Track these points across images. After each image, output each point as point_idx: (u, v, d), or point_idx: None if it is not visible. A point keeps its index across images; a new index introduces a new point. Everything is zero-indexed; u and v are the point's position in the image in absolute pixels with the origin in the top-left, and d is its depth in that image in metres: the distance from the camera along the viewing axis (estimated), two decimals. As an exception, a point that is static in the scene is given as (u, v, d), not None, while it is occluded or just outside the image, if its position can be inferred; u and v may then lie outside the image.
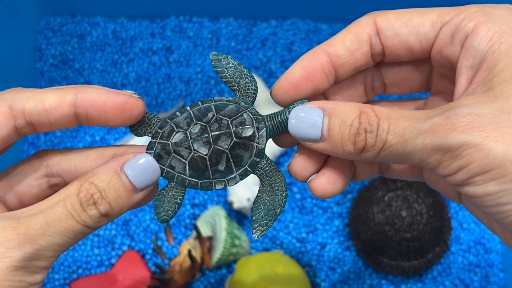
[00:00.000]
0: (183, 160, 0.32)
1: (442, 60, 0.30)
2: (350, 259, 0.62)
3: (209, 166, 0.32)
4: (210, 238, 0.59)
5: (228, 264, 0.61)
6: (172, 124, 0.32)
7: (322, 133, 0.29)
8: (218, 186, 0.32)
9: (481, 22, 0.28)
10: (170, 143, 0.32)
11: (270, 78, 0.70)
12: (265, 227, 0.32)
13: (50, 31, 0.72)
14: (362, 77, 0.34)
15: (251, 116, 0.32)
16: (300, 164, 0.32)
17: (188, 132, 0.32)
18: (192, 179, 0.32)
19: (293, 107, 0.31)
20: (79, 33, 0.72)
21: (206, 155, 0.31)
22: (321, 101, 0.30)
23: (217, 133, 0.31)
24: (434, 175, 0.33)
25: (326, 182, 0.32)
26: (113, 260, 0.60)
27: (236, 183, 0.32)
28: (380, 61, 0.32)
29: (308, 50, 0.75)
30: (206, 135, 0.31)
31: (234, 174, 0.32)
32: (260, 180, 0.33)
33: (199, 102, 0.32)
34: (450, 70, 0.31)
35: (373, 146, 0.28)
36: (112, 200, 0.29)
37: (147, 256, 0.61)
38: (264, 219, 0.32)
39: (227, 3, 0.72)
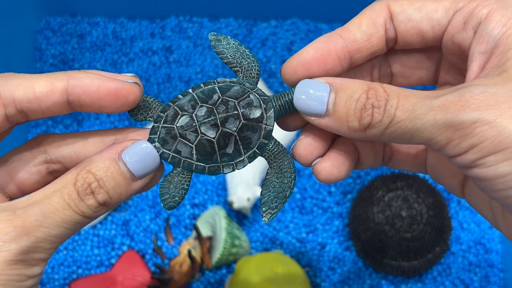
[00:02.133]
0: (190, 144, 0.31)
1: (453, 47, 0.30)
2: (350, 259, 0.62)
3: (217, 149, 0.31)
4: (210, 238, 0.59)
5: (228, 264, 0.61)
6: (175, 107, 0.31)
7: (327, 108, 0.29)
8: (226, 170, 0.31)
9: (494, 9, 0.28)
10: (175, 127, 0.31)
11: (270, 78, 0.70)
12: (275, 210, 0.32)
13: (50, 31, 0.72)
14: (369, 66, 0.33)
15: (258, 97, 0.31)
16: (305, 147, 0.31)
17: (194, 115, 0.30)
18: (199, 163, 0.31)
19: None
20: (79, 33, 0.72)
21: (214, 138, 0.30)
22: (329, 77, 0.30)
23: (224, 115, 0.30)
24: (438, 166, 0.33)
25: (331, 166, 0.31)
26: (113, 260, 0.60)
27: (244, 166, 0.31)
28: (390, 49, 0.32)
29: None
30: (213, 118, 0.30)
31: (243, 157, 0.31)
32: (268, 163, 0.32)
33: (201, 84, 0.31)
34: (460, 58, 0.30)
35: (379, 122, 0.27)
36: (110, 189, 0.29)
37: (147, 256, 0.61)
38: (273, 202, 0.32)
39: (227, 3, 0.72)
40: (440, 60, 0.33)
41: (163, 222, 0.62)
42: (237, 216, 0.63)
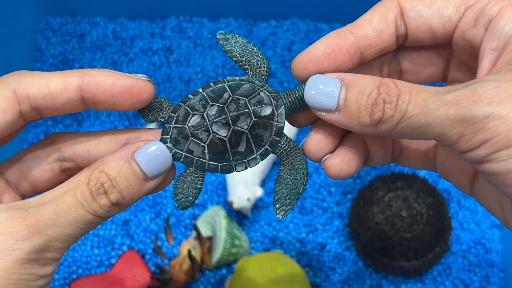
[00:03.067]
0: (202, 144, 0.31)
1: (463, 44, 0.30)
2: (350, 259, 0.62)
3: (229, 148, 0.31)
4: (210, 238, 0.59)
5: (228, 264, 0.61)
6: (186, 107, 0.31)
7: (338, 103, 0.29)
8: (239, 168, 0.31)
9: (506, 6, 0.28)
10: (187, 127, 0.31)
11: (270, 78, 0.70)
12: (288, 207, 0.32)
13: (50, 31, 0.72)
14: (379, 63, 0.33)
15: (268, 94, 0.31)
16: (315, 144, 0.31)
17: (205, 114, 0.31)
18: (212, 162, 0.31)
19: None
20: (79, 33, 0.72)
21: (225, 136, 0.30)
22: (339, 72, 0.30)
23: (235, 113, 0.30)
24: (447, 163, 0.33)
25: (341, 162, 0.31)
26: (113, 260, 0.60)
27: (256, 164, 0.31)
28: (400, 46, 0.32)
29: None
30: (225, 116, 0.30)
31: (255, 155, 0.31)
32: (281, 160, 0.32)
33: (211, 83, 0.31)
34: (470, 55, 0.31)
35: (391, 117, 0.27)
36: (123, 189, 0.29)
37: (147, 256, 0.61)
38: (286, 198, 0.32)
39: (227, 3, 0.72)
40: (450, 57, 0.33)
41: (163, 222, 0.62)
42: (237, 216, 0.63)
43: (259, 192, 0.60)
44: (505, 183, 0.26)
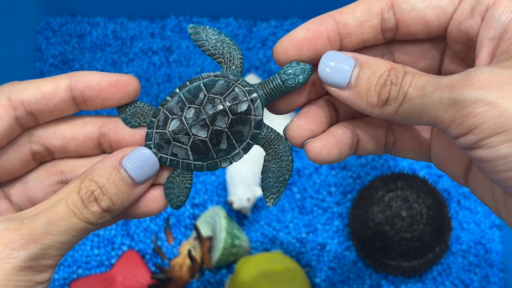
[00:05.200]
0: (184, 146, 0.31)
1: (459, 35, 0.30)
2: (350, 259, 0.62)
3: (211, 147, 0.31)
4: (210, 238, 0.59)
5: (228, 264, 0.61)
6: (165, 111, 0.31)
7: (350, 81, 0.29)
8: (224, 164, 0.32)
9: None
10: (167, 132, 0.31)
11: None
12: (277, 194, 0.32)
13: (50, 31, 0.72)
14: (372, 53, 0.33)
15: (243, 88, 0.31)
16: (296, 129, 0.32)
17: (183, 118, 0.31)
18: (197, 162, 0.32)
19: (285, 70, 0.31)
20: (79, 33, 0.72)
21: (206, 137, 0.31)
22: (353, 52, 0.30)
23: (212, 113, 0.31)
24: (441, 154, 0.33)
25: (321, 146, 0.31)
26: (113, 260, 0.60)
27: (240, 158, 0.32)
28: (391, 40, 0.32)
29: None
30: (203, 117, 0.31)
31: (238, 150, 0.32)
32: (264, 150, 0.33)
33: (187, 82, 0.32)
34: (466, 46, 0.30)
35: (395, 98, 0.28)
36: (113, 195, 0.30)
37: (147, 256, 0.61)
38: (274, 186, 0.32)
39: (227, 3, 0.72)
40: (444, 50, 0.33)
41: (163, 222, 0.62)
42: (237, 216, 0.63)
43: (259, 192, 0.60)
44: (493, 169, 0.26)
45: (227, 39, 0.32)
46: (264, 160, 0.33)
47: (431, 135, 0.34)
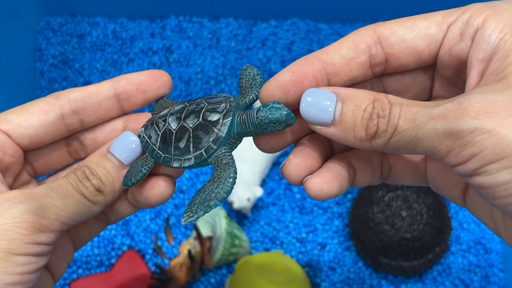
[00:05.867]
0: (158, 132, 0.34)
1: (450, 60, 0.30)
2: (350, 259, 0.62)
3: (173, 141, 0.33)
4: (210, 238, 0.59)
5: (228, 264, 0.61)
6: (175, 104, 0.35)
7: (334, 117, 0.28)
8: (175, 164, 0.33)
9: (489, 16, 0.28)
10: (156, 115, 0.35)
11: (270, 78, 0.70)
12: (194, 216, 0.30)
13: (50, 31, 0.72)
14: (360, 85, 0.33)
15: (227, 106, 0.32)
16: (293, 167, 0.31)
17: (173, 109, 0.34)
18: (159, 151, 0.33)
19: (264, 107, 0.30)
20: (79, 33, 0.72)
21: (174, 129, 0.33)
22: (333, 86, 0.30)
23: (189, 112, 0.33)
24: (438, 177, 0.33)
25: (321, 182, 0.31)
26: (113, 260, 0.60)
27: (189, 165, 0.32)
28: (381, 74, 0.32)
29: (308, 50, 0.75)
30: (181, 112, 0.33)
31: (190, 156, 0.32)
32: (213, 169, 0.32)
33: (205, 95, 0.35)
34: (456, 70, 0.30)
35: (384, 131, 0.27)
36: (102, 176, 0.33)
37: (147, 256, 0.61)
38: (197, 206, 0.31)
39: (227, 3, 0.72)
40: (434, 73, 0.32)
41: (163, 222, 0.62)
42: (237, 216, 0.63)
43: (259, 192, 0.60)
44: (494, 195, 0.26)
45: (259, 80, 0.34)
46: (209, 179, 0.32)
47: (426, 160, 0.34)
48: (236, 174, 0.31)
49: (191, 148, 0.32)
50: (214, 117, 0.32)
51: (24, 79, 0.68)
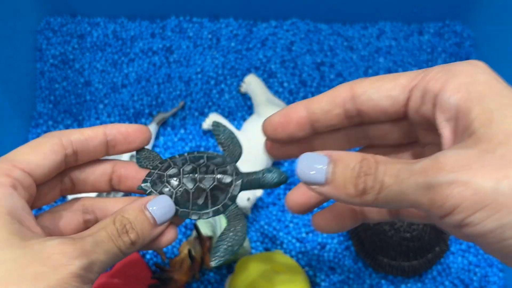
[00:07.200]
0: (172, 189, 0.38)
1: (420, 119, 0.33)
2: (350, 259, 0.62)
3: (191, 198, 0.38)
4: (210, 238, 0.59)
5: (228, 264, 0.61)
6: (170, 161, 0.39)
7: (327, 177, 0.31)
8: (194, 217, 0.38)
9: (446, 80, 0.30)
10: (165, 175, 0.39)
11: (270, 78, 0.70)
12: (223, 258, 0.38)
13: (50, 31, 0.72)
14: (344, 132, 0.37)
15: (233, 169, 0.39)
16: (295, 199, 0.38)
17: (181, 169, 0.39)
18: (175, 206, 0.38)
19: (267, 170, 0.38)
20: (79, 33, 0.72)
21: (191, 189, 0.38)
22: (326, 150, 0.33)
23: (203, 174, 0.38)
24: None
25: (332, 217, 0.36)
26: (113, 260, 0.60)
27: (207, 218, 0.38)
28: (360, 123, 0.35)
29: (308, 50, 0.75)
30: (196, 174, 0.38)
31: (209, 210, 0.38)
32: (227, 221, 0.39)
33: (195, 152, 0.40)
34: (431, 125, 0.32)
35: (372, 188, 0.29)
36: (139, 231, 0.36)
37: (147, 256, 0.61)
38: (223, 251, 0.38)
39: (227, 3, 0.72)
40: (410, 124, 0.35)
41: (163, 222, 0.63)
42: (237, 216, 0.63)
43: (259, 192, 0.60)
44: (488, 241, 0.27)
45: (235, 138, 0.41)
46: (225, 228, 0.39)
47: None
48: (246, 224, 0.39)
49: (209, 205, 0.38)
50: (227, 180, 0.38)
51: (24, 79, 0.69)
